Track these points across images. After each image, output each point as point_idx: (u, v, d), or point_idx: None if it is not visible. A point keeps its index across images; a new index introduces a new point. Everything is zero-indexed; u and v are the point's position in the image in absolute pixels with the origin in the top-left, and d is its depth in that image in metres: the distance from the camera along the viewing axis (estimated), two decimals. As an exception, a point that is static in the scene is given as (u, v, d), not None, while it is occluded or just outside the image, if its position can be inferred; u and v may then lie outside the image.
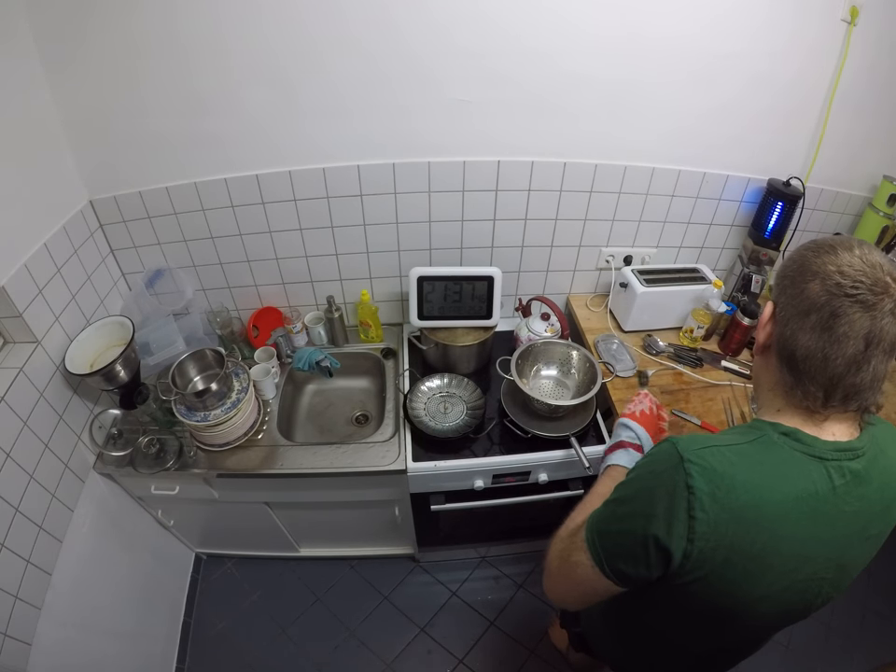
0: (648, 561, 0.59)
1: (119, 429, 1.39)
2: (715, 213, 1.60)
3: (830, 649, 1.73)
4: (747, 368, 1.50)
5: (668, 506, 0.57)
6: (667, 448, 0.61)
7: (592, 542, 0.64)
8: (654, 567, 0.59)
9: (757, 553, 0.57)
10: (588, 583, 0.66)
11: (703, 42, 1.26)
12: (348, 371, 1.66)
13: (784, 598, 0.62)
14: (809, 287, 0.57)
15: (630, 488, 0.64)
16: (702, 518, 0.55)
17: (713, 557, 0.57)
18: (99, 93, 1.21)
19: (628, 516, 0.62)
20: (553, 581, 0.73)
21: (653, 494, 0.59)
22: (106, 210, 1.39)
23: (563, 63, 1.26)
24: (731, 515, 0.55)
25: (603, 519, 0.66)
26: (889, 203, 1.51)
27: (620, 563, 0.62)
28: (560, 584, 0.72)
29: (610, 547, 0.63)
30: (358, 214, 1.48)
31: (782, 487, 0.57)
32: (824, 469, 0.58)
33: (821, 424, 0.60)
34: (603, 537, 0.64)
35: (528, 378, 1.45)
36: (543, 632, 1.78)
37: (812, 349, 0.57)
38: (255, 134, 1.31)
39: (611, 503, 0.66)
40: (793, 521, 0.57)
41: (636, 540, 0.59)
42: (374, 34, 1.19)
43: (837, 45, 1.30)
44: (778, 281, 0.64)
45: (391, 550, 1.89)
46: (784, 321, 0.60)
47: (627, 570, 0.61)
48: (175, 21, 1.13)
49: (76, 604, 1.26)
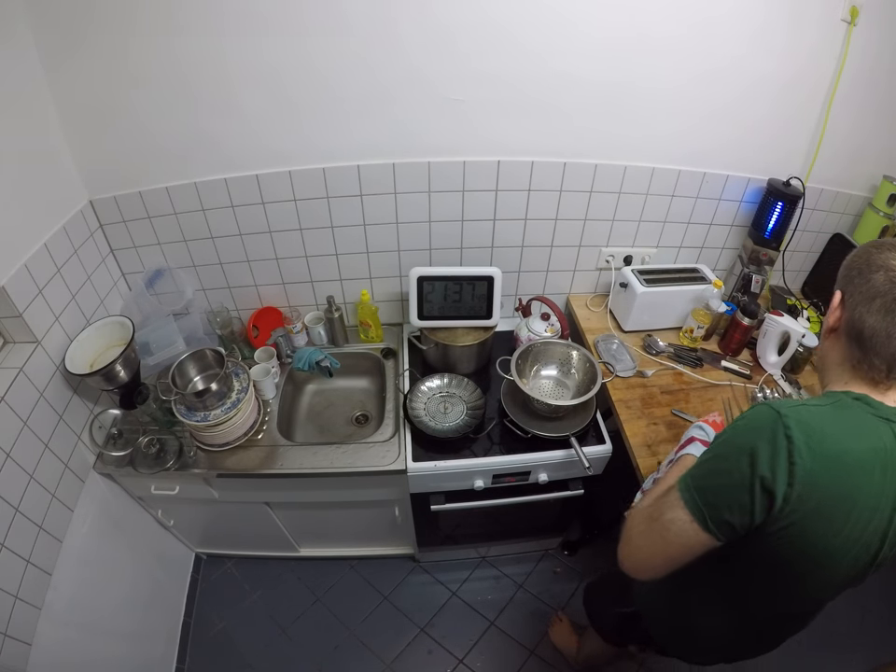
0: (753, 507, 0.65)
1: (119, 429, 1.39)
2: (715, 213, 1.60)
3: (830, 649, 1.73)
4: (746, 368, 1.51)
5: (771, 454, 0.63)
6: (763, 408, 0.68)
7: (691, 499, 0.69)
8: (758, 512, 0.65)
9: (841, 500, 0.64)
10: (681, 541, 0.70)
11: (703, 43, 1.26)
12: (348, 370, 1.66)
13: (854, 552, 0.68)
14: (875, 277, 0.69)
15: (729, 445, 0.70)
16: (800, 464, 0.62)
17: (807, 502, 0.63)
18: (99, 93, 1.21)
19: (733, 467, 0.67)
20: (633, 547, 0.77)
21: (757, 444, 0.65)
22: (106, 210, 1.39)
23: (563, 63, 1.26)
24: (822, 463, 0.62)
25: (702, 476, 0.71)
26: (889, 203, 1.51)
27: (725, 513, 0.66)
28: (645, 548, 0.75)
29: (713, 500, 0.68)
30: (358, 214, 1.48)
31: (860, 440, 0.64)
32: (890, 430, 0.66)
33: (885, 392, 0.71)
34: (705, 492, 0.69)
35: (528, 378, 1.45)
36: (543, 632, 1.78)
37: (877, 329, 0.68)
38: (255, 134, 1.31)
39: (708, 461, 0.72)
40: (869, 470, 0.64)
41: (742, 488, 0.65)
42: (374, 33, 1.19)
43: (837, 45, 1.30)
44: (845, 273, 0.75)
45: (391, 550, 1.90)
46: (853, 306, 0.71)
47: (732, 520, 0.66)
48: (174, 21, 1.13)
49: (76, 604, 1.26)
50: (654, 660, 1.71)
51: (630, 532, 0.77)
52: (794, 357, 1.45)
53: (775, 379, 1.47)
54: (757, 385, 1.45)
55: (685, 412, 1.37)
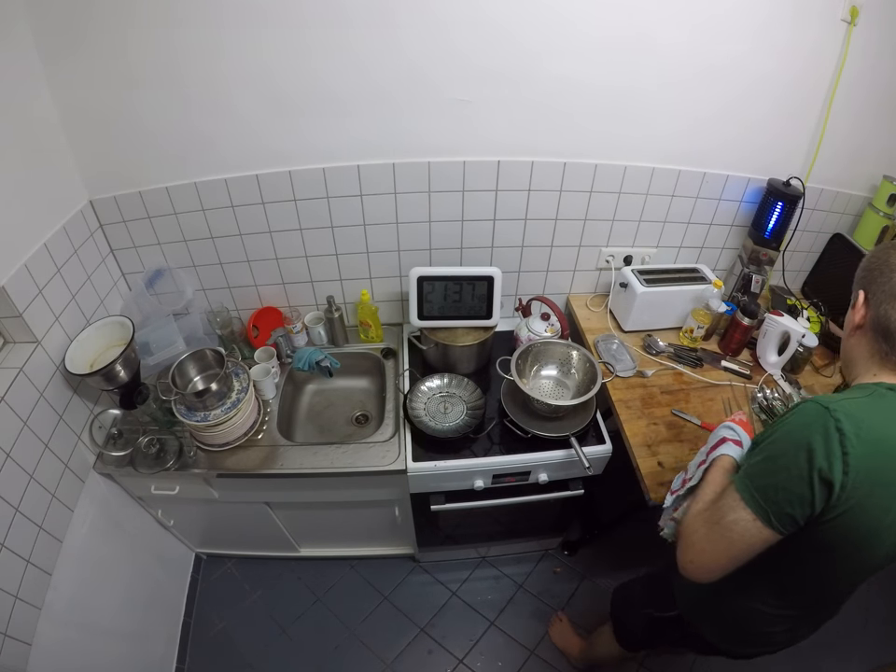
0: (813, 498, 0.69)
1: (119, 429, 1.39)
2: (715, 213, 1.60)
3: (830, 649, 1.73)
4: (746, 368, 1.51)
5: (826, 446, 0.68)
6: (810, 405, 0.73)
7: (752, 499, 0.73)
8: (818, 502, 0.69)
9: (888, 483, 0.69)
10: (745, 540, 0.74)
11: (704, 44, 1.27)
12: (348, 370, 1.66)
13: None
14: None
15: (782, 443, 0.74)
16: (853, 453, 0.66)
17: (860, 488, 0.67)
18: (99, 93, 1.21)
19: (791, 464, 0.71)
20: (696, 551, 0.80)
21: (812, 439, 0.69)
22: (106, 210, 1.39)
23: (563, 63, 1.26)
24: (870, 450, 0.67)
25: (759, 475, 0.75)
26: (889, 202, 1.51)
27: (787, 508, 0.71)
28: (709, 551, 0.78)
29: (775, 497, 0.72)
30: (358, 214, 1.48)
31: None
32: None
33: None
34: (766, 490, 0.73)
35: (528, 378, 1.45)
36: (543, 632, 1.78)
37: None
38: (254, 134, 1.31)
39: (764, 461, 0.75)
40: None
41: (802, 481, 0.69)
42: (374, 34, 1.19)
43: (837, 45, 1.30)
44: (865, 274, 0.80)
45: (391, 550, 1.90)
46: (877, 304, 0.77)
47: (794, 513, 0.71)
48: (173, 21, 1.13)
49: (76, 604, 1.26)
50: (654, 660, 1.71)
51: (691, 538, 0.80)
52: (794, 357, 1.45)
53: (775, 379, 1.47)
54: (757, 385, 1.45)
55: (685, 412, 1.37)
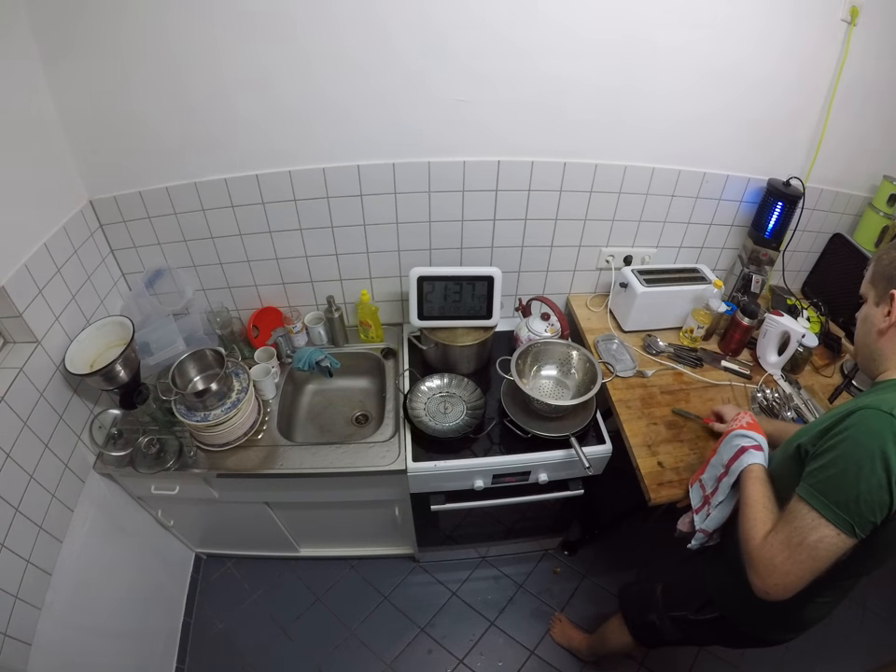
0: (892, 502, 0.72)
1: (118, 429, 1.39)
2: (715, 213, 1.60)
3: (830, 649, 1.73)
4: (746, 368, 1.51)
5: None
6: (870, 413, 0.75)
7: (834, 515, 0.75)
8: (895, 503, 0.72)
9: None
10: (830, 554, 0.76)
11: (704, 45, 1.26)
12: (348, 371, 1.66)
13: None
14: None
15: (853, 454, 0.75)
16: None
17: None
18: (99, 93, 1.21)
19: (869, 474, 0.72)
20: (781, 574, 0.80)
21: (886, 448, 0.71)
22: (106, 210, 1.39)
23: (563, 64, 1.26)
24: None
25: (835, 490, 0.75)
26: (888, 202, 1.51)
27: (870, 516, 0.73)
28: (794, 573, 0.79)
29: (856, 508, 0.73)
30: (358, 214, 1.48)
31: None
32: None
33: None
34: (847, 504, 0.74)
35: (528, 378, 1.45)
36: (543, 632, 1.78)
37: None
38: (254, 134, 1.30)
39: (837, 475, 0.76)
40: None
41: (882, 489, 0.71)
42: (374, 33, 1.19)
43: (837, 45, 1.30)
44: (892, 273, 0.83)
45: (391, 550, 1.90)
46: None
47: (876, 519, 0.73)
48: (172, 22, 1.13)
49: (76, 604, 1.26)
50: (655, 660, 1.71)
51: (772, 563, 0.80)
52: (794, 357, 1.45)
53: (775, 379, 1.47)
54: (757, 385, 1.45)
55: (686, 411, 1.37)
